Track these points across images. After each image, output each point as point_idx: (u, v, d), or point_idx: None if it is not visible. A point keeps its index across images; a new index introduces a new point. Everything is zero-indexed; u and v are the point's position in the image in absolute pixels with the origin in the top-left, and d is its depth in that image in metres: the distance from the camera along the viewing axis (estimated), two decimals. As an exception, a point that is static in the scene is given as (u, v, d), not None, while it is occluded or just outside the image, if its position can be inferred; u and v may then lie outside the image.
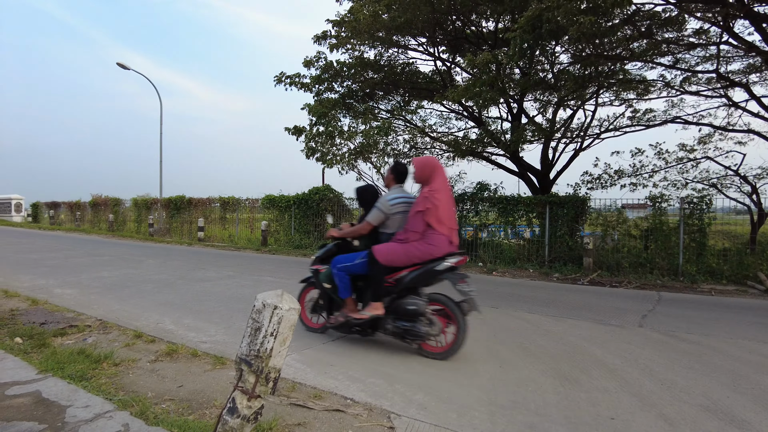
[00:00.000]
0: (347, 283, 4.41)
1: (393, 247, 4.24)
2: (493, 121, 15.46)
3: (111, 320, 5.37)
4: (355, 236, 4.64)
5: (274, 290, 2.07)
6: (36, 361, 3.84)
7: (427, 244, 4.15)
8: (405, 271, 4.25)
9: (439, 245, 4.15)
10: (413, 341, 4.30)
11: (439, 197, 4.14)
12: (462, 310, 4.19)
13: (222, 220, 19.00)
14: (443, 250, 4.16)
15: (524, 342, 4.79)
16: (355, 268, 4.39)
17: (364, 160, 15.61)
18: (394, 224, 4.41)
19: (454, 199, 4.94)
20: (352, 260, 4.42)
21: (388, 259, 4.21)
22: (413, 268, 4.24)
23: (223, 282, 8.22)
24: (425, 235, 4.16)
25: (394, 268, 4.27)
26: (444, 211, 4.16)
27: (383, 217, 4.40)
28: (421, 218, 4.15)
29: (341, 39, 13.68)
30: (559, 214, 11.23)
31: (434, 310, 4.29)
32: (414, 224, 4.18)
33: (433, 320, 4.24)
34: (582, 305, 6.84)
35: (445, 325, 4.27)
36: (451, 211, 4.30)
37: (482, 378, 3.74)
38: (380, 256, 4.21)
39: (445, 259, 4.15)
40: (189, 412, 3.03)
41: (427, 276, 4.20)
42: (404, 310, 4.24)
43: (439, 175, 4.31)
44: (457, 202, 12.92)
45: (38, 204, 30.76)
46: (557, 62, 12.60)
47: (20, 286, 7.32)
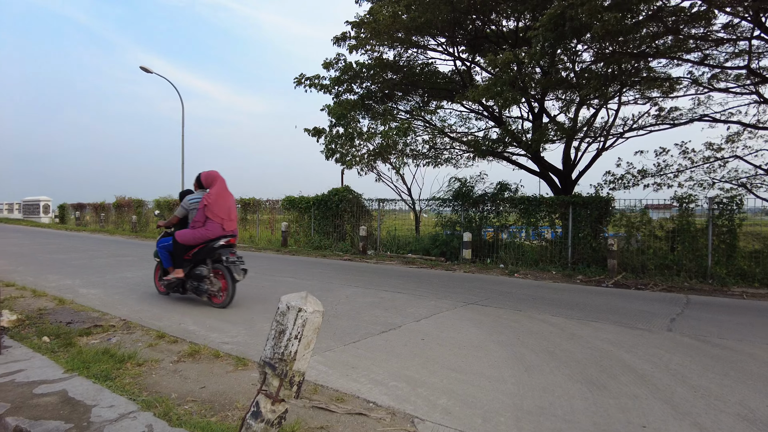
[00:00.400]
0: (167, 257, 6.46)
1: (186, 232, 6.21)
2: (513, 121, 15.29)
3: (134, 320, 5.43)
4: (170, 225, 6.66)
5: (299, 292, 2.04)
6: (62, 360, 3.89)
7: (206, 230, 6.15)
8: (197, 248, 6.24)
9: (213, 230, 6.17)
10: (203, 295, 6.23)
11: (214, 198, 6.16)
12: (231, 274, 6.06)
13: (243, 221, 19.17)
14: (217, 234, 6.19)
15: (549, 346, 4.69)
16: (168, 247, 6.44)
17: (383, 161, 15.60)
18: (194, 216, 6.27)
19: (233, 199, 6.67)
20: (167, 241, 6.48)
21: (184, 240, 6.18)
22: (201, 245, 6.23)
23: (244, 282, 8.24)
24: (205, 224, 6.16)
25: (190, 247, 6.25)
26: (218, 207, 6.17)
27: (184, 212, 6.46)
28: (202, 212, 6.15)
29: (360, 40, 13.68)
30: (583, 214, 11.03)
31: (216, 275, 6.22)
32: (198, 216, 6.17)
33: (214, 281, 6.19)
34: (607, 308, 6.69)
35: (224, 286, 6.15)
36: (227, 207, 6.30)
37: (507, 383, 3.67)
38: (179, 237, 6.19)
39: (220, 240, 6.21)
40: (211, 414, 3.03)
41: (208, 251, 6.22)
42: (195, 274, 6.27)
43: (218, 183, 6.33)
44: (477, 203, 12.80)
45: (65, 205, 31.52)
46: (579, 61, 12.39)
47: (47, 286, 7.47)
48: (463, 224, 12.86)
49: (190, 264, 6.35)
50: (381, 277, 9.27)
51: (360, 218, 15.04)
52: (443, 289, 8.05)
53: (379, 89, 15.33)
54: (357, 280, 8.75)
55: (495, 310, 6.33)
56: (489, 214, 12.88)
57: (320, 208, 15.66)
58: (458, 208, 13.25)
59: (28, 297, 6.65)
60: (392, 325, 5.37)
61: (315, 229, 15.81)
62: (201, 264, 6.30)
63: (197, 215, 6.21)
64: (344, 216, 15.19)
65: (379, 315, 5.89)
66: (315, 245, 15.03)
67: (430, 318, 5.80)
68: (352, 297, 7.06)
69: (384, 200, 14.89)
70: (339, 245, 14.60)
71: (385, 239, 14.50)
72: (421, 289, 7.98)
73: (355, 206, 15.13)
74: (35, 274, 8.71)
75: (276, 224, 17.83)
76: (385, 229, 14.85)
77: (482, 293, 7.69)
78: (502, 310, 6.35)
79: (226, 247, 6.29)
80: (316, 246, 14.93)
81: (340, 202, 15.13)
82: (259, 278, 8.79)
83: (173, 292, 6.65)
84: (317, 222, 15.78)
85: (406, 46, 14.20)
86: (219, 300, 6.21)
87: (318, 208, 15.73)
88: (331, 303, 6.58)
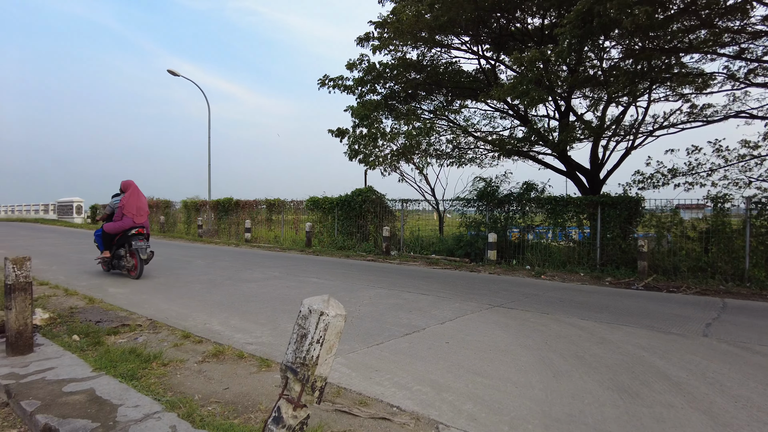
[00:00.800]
0: (101, 243, 8.87)
1: (110, 224, 8.68)
2: (539, 120, 15.02)
3: (160, 320, 5.50)
4: (103, 219, 9.13)
5: (321, 295, 2.00)
6: (91, 359, 3.95)
7: (122, 222, 8.57)
8: (118, 236, 8.64)
9: (127, 223, 8.56)
10: (123, 269, 8.61)
11: (128, 199, 8.64)
12: (139, 254, 8.26)
13: (268, 221, 19.36)
14: (129, 225, 8.56)
15: (578, 350, 4.55)
16: (100, 234, 8.85)
17: (406, 161, 15.55)
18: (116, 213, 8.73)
19: (144, 200, 8.98)
20: (100, 231, 8.88)
21: (108, 230, 8.68)
22: (120, 234, 8.60)
23: (269, 283, 8.32)
24: (122, 218, 8.59)
25: (113, 235, 8.69)
26: (130, 206, 8.60)
27: (110, 209, 8.87)
28: (120, 210, 8.60)
29: (384, 40, 13.65)
30: (611, 215, 10.75)
31: (131, 255, 8.47)
32: (118, 213, 8.66)
33: (129, 260, 8.52)
34: (638, 311, 6.48)
35: (136, 264, 8.38)
36: (137, 206, 8.70)
37: (535, 389, 3.56)
38: (105, 228, 8.73)
39: (132, 230, 8.51)
40: (234, 416, 3.02)
41: (124, 238, 8.59)
42: (117, 254, 8.72)
43: (131, 188, 8.84)
44: (502, 203, 12.61)
45: (96, 206, 32.39)
46: (607, 57, 12.08)
47: (78, 285, 7.66)
48: (488, 225, 12.69)
49: (114, 247, 8.79)
50: (404, 278, 9.21)
51: (383, 219, 15.01)
52: (468, 290, 7.94)
53: (403, 89, 15.26)
54: (380, 281, 8.70)
55: (521, 313, 6.21)
56: (515, 215, 12.67)
57: (344, 209, 15.68)
58: (483, 208, 13.08)
59: (60, 296, 6.82)
60: (416, 328, 5.31)
61: (338, 229, 15.85)
62: (121, 247, 8.68)
63: (117, 212, 8.69)
64: (367, 216, 15.18)
65: (402, 317, 5.83)
66: (338, 246, 15.06)
67: (455, 320, 5.71)
68: (375, 298, 7.02)
69: (407, 200, 14.82)
70: (362, 246, 14.59)
71: (408, 240, 14.42)
72: (446, 290, 7.89)
73: (379, 207, 15.10)
74: (67, 273, 8.94)
75: (300, 225, 17.95)
76: (408, 230, 14.78)
77: (508, 295, 7.55)
78: (529, 313, 6.22)
79: (136, 235, 8.55)
80: (340, 246, 14.96)
81: (363, 202, 15.12)
82: (284, 278, 8.83)
83: (110, 269, 9.02)
84: (341, 222, 15.82)
85: (429, 46, 14.10)
86: (133, 273, 8.49)
87: (341, 209, 15.76)
88: (355, 304, 6.55)
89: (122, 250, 8.59)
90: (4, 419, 3.21)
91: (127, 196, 8.67)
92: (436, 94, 15.90)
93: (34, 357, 4.08)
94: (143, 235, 8.61)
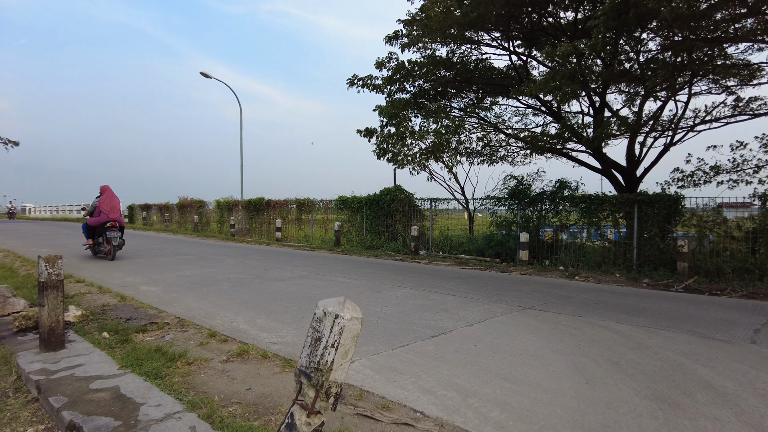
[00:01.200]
0: (86, 233, 11.43)
1: (91, 219, 11.23)
2: (573, 116, 14.60)
3: (188, 318, 5.55)
4: (87, 215, 11.72)
5: (336, 297, 1.91)
6: (118, 357, 3.99)
7: (99, 218, 11.04)
8: (98, 228, 11.12)
9: (102, 218, 11.02)
10: (101, 254, 11.26)
11: (103, 199, 11.21)
12: (111, 242, 10.83)
13: (298, 220, 19.51)
14: (105, 220, 11.01)
15: (613, 356, 4.34)
16: (85, 227, 11.42)
17: (435, 159, 15.37)
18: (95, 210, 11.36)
19: (117, 200, 11.54)
20: (85, 225, 11.40)
21: (90, 223, 11.20)
22: (99, 226, 11.06)
23: (296, 282, 8.33)
24: (99, 214, 11.06)
25: (94, 227, 11.13)
26: (104, 205, 11.11)
27: (91, 208, 11.53)
28: (98, 208, 11.10)
29: (413, 38, 13.52)
30: (649, 214, 10.33)
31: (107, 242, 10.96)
32: (96, 210, 11.17)
33: (105, 246, 11.01)
34: (678, 315, 6.16)
35: (110, 249, 10.89)
36: (111, 205, 11.19)
37: (567, 396, 3.39)
38: (88, 222, 11.27)
39: (107, 224, 10.98)
40: (255, 417, 2.98)
41: (101, 229, 11.11)
42: (97, 242, 11.33)
43: (107, 191, 11.40)
44: (534, 202, 12.30)
45: (133, 206, 33.43)
46: (645, 50, 11.61)
47: (112, 283, 7.84)
48: (519, 224, 12.40)
49: (95, 236, 11.46)
50: (432, 279, 9.08)
51: (412, 218, 14.88)
52: (498, 292, 7.75)
53: (432, 87, 15.09)
54: (408, 281, 8.60)
55: (553, 316, 5.99)
56: (547, 214, 12.34)
57: (372, 208, 15.64)
58: (514, 207, 12.79)
59: (94, 293, 6.99)
60: (443, 330, 5.18)
61: (367, 228, 15.81)
62: (100, 237, 11.38)
63: (96, 210, 11.33)
64: (396, 216, 15.09)
65: (429, 318, 5.71)
66: (367, 245, 15.02)
67: (484, 323, 5.55)
68: (402, 299, 6.92)
69: (436, 199, 14.64)
70: (390, 245, 14.51)
71: (437, 239, 14.25)
72: (475, 291, 7.72)
73: (407, 206, 14.99)
74: (103, 272, 9.19)
75: (329, 224, 18.01)
76: (437, 229, 14.60)
77: (540, 297, 7.33)
78: (561, 316, 5.99)
79: (110, 227, 11.18)
80: (368, 246, 14.92)
81: (391, 201, 15.04)
82: (311, 278, 8.83)
83: (95, 254, 11.72)
84: (369, 222, 15.78)
85: (459, 43, 13.89)
86: (109, 256, 11.10)
87: (370, 208, 15.72)
88: (381, 304, 6.47)
89: (101, 239, 11.36)
90: (33, 414, 3.26)
91: (103, 197, 11.34)
92: (467, 91, 15.66)
93: (65, 353, 4.15)
94: (116, 228, 11.24)
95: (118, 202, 11.55)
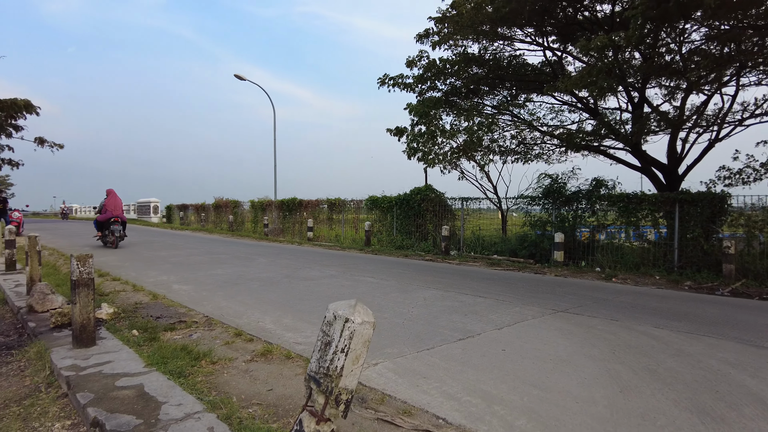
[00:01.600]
0: (96, 227, 14.64)
1: (100, 216, 14.29)
2: (611, 112, 14.10)
3: (216, 317, 5.60)
4: (97, 213, 14.93)
5: (347, 300, 1.84)
6: (145, 355, 4.04)
7: (105, 214, 14.06)
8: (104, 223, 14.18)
9: (107, 215, 13.98)
10: (108, 243, 14.12)
11: (108, 200, 14.24)
12: (114, 234, 13.87)
13: (329, 220, 19.63)
14: (109, 216, 13.93)
15: (650, 363, 4.10)
16: (96, 222, 14.62)
17: (467, 158, 15.12)
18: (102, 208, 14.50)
19: (120, 200, 14.42)
20: (95, 221, 14.76)
21: (99, 219, 14.32)
22: (105, 221, 14.09)
23: (325, 281, 8.32)
24: (105, 212, 14.08)
25: (101, 222, 14.20)
26: (109, 204, 14.15)
27: (100, 207, 14.64)
28: (105, 207, 14.19)
29: (443, 35, 13.35)
30: (692, 213, 9.85)
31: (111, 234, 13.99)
32: (103, 209, 14.23)
33: (110, 237, 14.03)
34: (723, 320, 5.81)
35: (114, 239, 13.91)
36: (114, 204, 14.18)
37: (599, 405, 3.21)
38: (97, 218, 14.44)
39: (111, 219, 13.89)
40: (274, 419, 2.94)
41: (108, 223, 14.08)
42: (104, 234, 14.34)
43: (111, 194, 14.42)
44: (570, 201, 11.93)
45: (171, 206, 34.41)
46: (688, 40, 11.07)
47: (146, 281, 8.03)
48: (554, 224, 12.06)
49: (103, 230, 14.31)
50: (462, 280, 8.91)
51: (442, 218, 14.70)
52: (530, 294, 7.52)
53: (464, 85, 14.86)
54: (437, 282, 8.46)
55: (588, 320, 5.76)
56: (583, 213, 11.95)
57: (402, 208, 15.55)
58: (549, 206, 12.45)
59: (128, 291, 7.17)
60: (471, 333, 5.04)
61: (397, 228, 15.73)
62: (106, 230, 14.15)
63: (103, 208, 14.21)
64: (426, 215, 14.94)
65: (457, 320, 5.57)
66: (397, 245, 14.94)
67: (514, 326, 5.38)
68: (430, 300, 6.80)
69: (468, 199, 14.41)
70: (421, 245, 14.38)
71: (468, 239, 14.03)
72: (506, 293, 7.52)
73: (438, 205, 14.82)
74: (138, 270, 9.43)
75: (360, 224, 18.02)
76: (469, 229, 14.38)
77: (574, 299, 7.07)
78: (596, 320, 5.75)
79: (114, 222, 13.95)
80: (398, 246, 14.83)
81: (421, 201, 14.90)
82: (340, 277, 8.81)
83: (104, 244, 14.42)
84: (399, 221, 15.69)
85: (491, 39, 13.63)
86: (113, 245, 13.94)
87: (400, 208, 15.63)
88: (407, 305, 6.37)
89: (106, 231, 14.28)
90: (62, 409, 3.33)
91: (108, 199, 14.34)
92: (500, 88, 15.36)
93: (96, 350, 4.24)
94: (118, 222, 14.09)
95: (121, 202, 14.52)
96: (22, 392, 3.66)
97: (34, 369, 4.10)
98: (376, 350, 4.32)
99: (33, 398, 3.51)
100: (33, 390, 3.68)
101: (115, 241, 13.94)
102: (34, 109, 18.67)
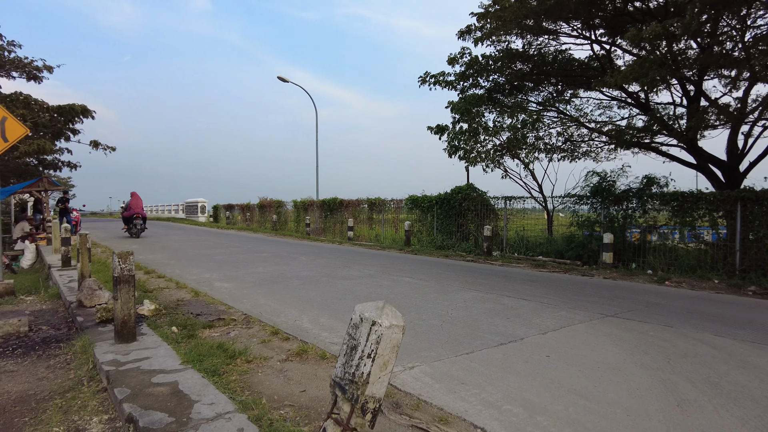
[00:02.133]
0: (123, 221, 18.91)
1: (125, 213, 18.57)
2: (663, 107, 13.37)
3: (255, 315, 5.61)
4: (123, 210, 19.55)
5: (375, 302, 1.71)
6: (182, 352, 4.07)
7: (129, 212, 18.30)
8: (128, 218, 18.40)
9: (131, 213, 18.18)
10: (131, 234, 18.20)
11: (132, 201, 18.39)
12: (135, 227, 18.10)
13: (369, 220, 19.61)
14: (132, 213, 18.13)
15: (712, 375, 3.77)
16: (123, 218, 18.85)
17: (511, 156, 14.73)
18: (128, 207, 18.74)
19: (141, 201, 18.38)
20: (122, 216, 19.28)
21: (124, 215, 18.70)
22: (128, 217, 18.22)
23: (363, 281, 8.25)
24: (129, 210, 18.36)
25: (127, 218, 18.36)
26: (133, 204, 18.28)
27: (126, 205, 18.97)
28: (129, 205, 18.48)
29: (486, 31, 13.02)
30: (756, 212, 9.16)
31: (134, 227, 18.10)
32: (128, 207, 18.47)
33: (133, 230, 18.13)
34: (794, 329, 5.32)
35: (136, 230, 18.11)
36: (137, 204, 18.26)
37: (653, 419, 2.95)
38: (123, 214, 18.94)
39: (134, 215, 18.10)
40: (305, 422, 2.86)
41: (131, 218, 18.16)
42: (129, 227, 18.34)
43: (134, 196, 18.56)
44: (620, 200, 11.37)
45: (218, 206, 35.43)
46: (753, 26, 10.30)
47: (189, 279, 8.20)
48: (603, 224, 11.53)
49: (128, 224, 17.91)
50: (505, 281, 8.63)
51: (484, 217, 14.36)
52: (577, 297, 7.18)
53: (508, 81, 14.47)
54: (478, 284, 8.22)
55: (639, 325, 5.40)
56: (634, 213, 11.36)
57: (443, 207, 15.31)
58: (597, 205, 11.91)
59: (172, 288, 7.33)
60: (513, 337, 4.81)
61: (437, 228, 15.51)
62: (130, 224, 17.89)
63: (128, 207, 17.99)
64: (467, 215, 14.64)
65: (498, 324, 5.35)
66: (437, 245, 14.72)
67: (559, 331, 5.11)
68: (470, 302, 6.59)
69: (511, 198, 14.01)
70: (462, 245, 14.09)
71: (512, 240, 13.64)
72: (551, 296, 7.20)
73: (479, 205, 14.48)
74: (183, 268, 9.67)
75: (400, 223, 17.90)
76: (512, 229, 13.98)
77: (624, 303, 6.68)
78: (649, 325, 5.39)
79: (136, 218, 17.80)
80: (439, 246, 14.61)
81: (463, 200, 14.62)
82: (378, 277, 8.72)
83: (130, 235, 18.02)
84: (440, 221, 15.46)
85: (535, 34, 13.19)
86: (135, 236, 17.82)
87: (440, 207, 15.40)
88: (447, 307, 6.19)
89: (130, 225, 17.96)
90: (101, 403, 3.38)
91: (132, 200, 18.11)
92: (545, 84, 14.86)
93: (136, 346, 4.31)
94: (140, 218, 17.90)
95: (141, 202, 18.43)
96: (66, 385, 3.75)
97: (78, 362, 4.20)
98: (413, 353, 4.19)
99: (75, 391, 3.58)
100: (76, 383, 3.76)
101: (137, 233, 18.03)
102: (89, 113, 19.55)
